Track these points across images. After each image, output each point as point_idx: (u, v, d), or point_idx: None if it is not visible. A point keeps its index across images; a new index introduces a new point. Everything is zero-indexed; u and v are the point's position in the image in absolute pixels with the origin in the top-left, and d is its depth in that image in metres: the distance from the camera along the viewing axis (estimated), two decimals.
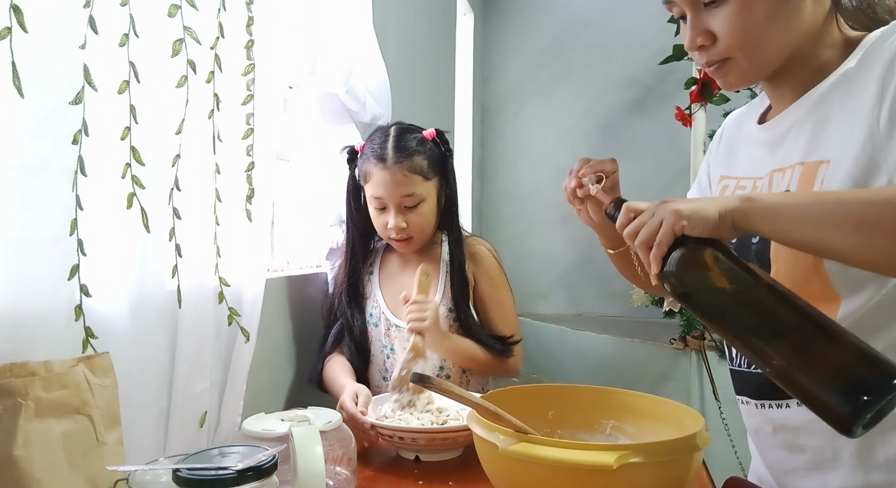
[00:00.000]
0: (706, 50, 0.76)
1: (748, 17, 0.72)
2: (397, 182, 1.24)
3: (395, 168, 1.23)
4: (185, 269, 0.89)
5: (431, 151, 1.29)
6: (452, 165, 1.34)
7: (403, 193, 1.25)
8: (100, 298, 0.76)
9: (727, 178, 0.90)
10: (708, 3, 0.74)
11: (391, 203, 1.26)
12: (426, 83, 2.34)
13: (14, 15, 0.63)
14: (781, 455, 0.83)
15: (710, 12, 0.74)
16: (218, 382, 0.99)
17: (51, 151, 0.69)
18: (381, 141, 1.27)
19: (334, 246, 1.47)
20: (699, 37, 0.76)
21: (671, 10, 0.79)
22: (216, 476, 0.56)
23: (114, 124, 0.77)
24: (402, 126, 1.32)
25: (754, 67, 0.76)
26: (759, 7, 0.71)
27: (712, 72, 0.79)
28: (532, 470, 0.71)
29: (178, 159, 0.86)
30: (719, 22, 0.73)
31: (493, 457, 0.76)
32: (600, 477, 0.68)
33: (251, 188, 1.01)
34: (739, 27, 0.72)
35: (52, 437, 0.62)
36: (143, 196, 0.80)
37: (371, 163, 1.26)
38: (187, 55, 0.85)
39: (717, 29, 0.74)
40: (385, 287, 1.37)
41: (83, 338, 0.73)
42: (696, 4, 0.75)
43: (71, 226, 0.71)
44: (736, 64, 0.76)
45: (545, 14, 3.37)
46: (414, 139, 1.28)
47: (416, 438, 1.01)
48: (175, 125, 0.85)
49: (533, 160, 3.40)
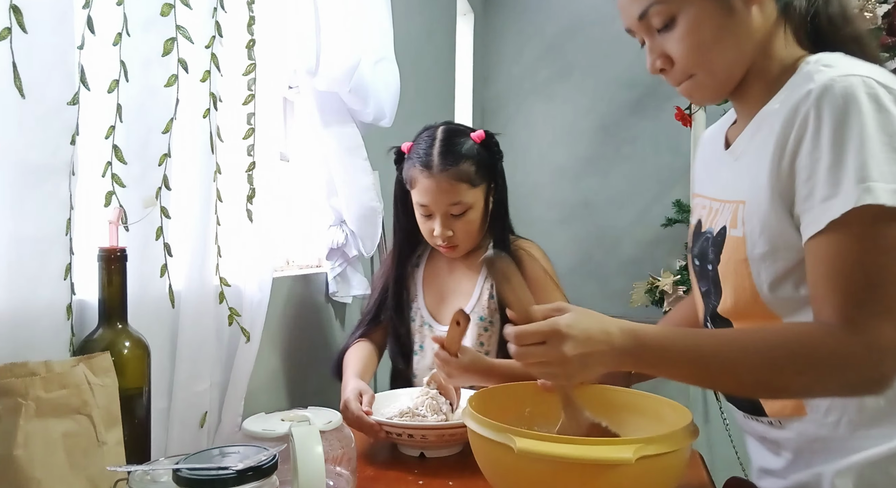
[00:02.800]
0: (668, 72, 0.81)
1: (698, 36, 0.76)
2: (443, 190, 1.19)
3: (441, 176, 1.18)
4: (180, 269, 0.89)
5: (480, 155, 1.23)
6: (502, 167, 1.29)
7: (450, 202, 1.20)
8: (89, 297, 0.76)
9: (699, 196, 0.95)
10: (660, 29, 0.79)
11: (437, 211, 1.21)
12: (426, 83, 2.34)
13: (14, 15, 0.63)
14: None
15: (663, 37, 0.79)
16: (218, 382, 0.99)
17: (51, 151, 0.69)
18: (427, 145, 1.22)
19: (334, 246, 1.47)
20: (658, 60, 0.81)
21: (634, 37, 0.84)
22: (216, 476, 0.56)
23: (102, 123, 0.78)
24: (449, 127, 1.26)
25: (716, 83, 0.81)
26: (706, 26, 0.76)
27: (680, 91, 0.83)
28: (546, 469, 0.70)
29: (166, 158, 0.85)
30: (673, 45, 0.78)
31: (500, 458, 0.74)
32: (618, 472, 0.67)
33: (252, 188, 1.01)
34: (692, 47, 0.77)
35: (52, 437, 0.62)
36: (122, 194, 0.80)
37: (416, 170, 1.21)
38: (178, 54, 0.85)
39: (672, 52, 0.79)
40: (427, 284, 1.34)
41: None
42: (651, 31, 0.80)
43: (66, 226, 0.71)
44: (698, 82, 0.80)
45: (545, 14, 3.37)
46: (461, 143, 1.22)
47: (425, 435, 1.00)
48: (163, 124, 0.84)
49: (533, 160, 3.40)
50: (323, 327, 1.48)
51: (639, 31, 0.82)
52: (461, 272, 1.32)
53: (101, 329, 0.75)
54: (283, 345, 1.31)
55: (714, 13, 0.75)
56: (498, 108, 3.49)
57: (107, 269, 0.75)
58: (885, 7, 2.33)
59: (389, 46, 1.53)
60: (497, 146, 1.27)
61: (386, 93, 1.51)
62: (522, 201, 3.44)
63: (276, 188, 1.06)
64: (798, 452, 0.81)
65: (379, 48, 1.48)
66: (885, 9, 2.34)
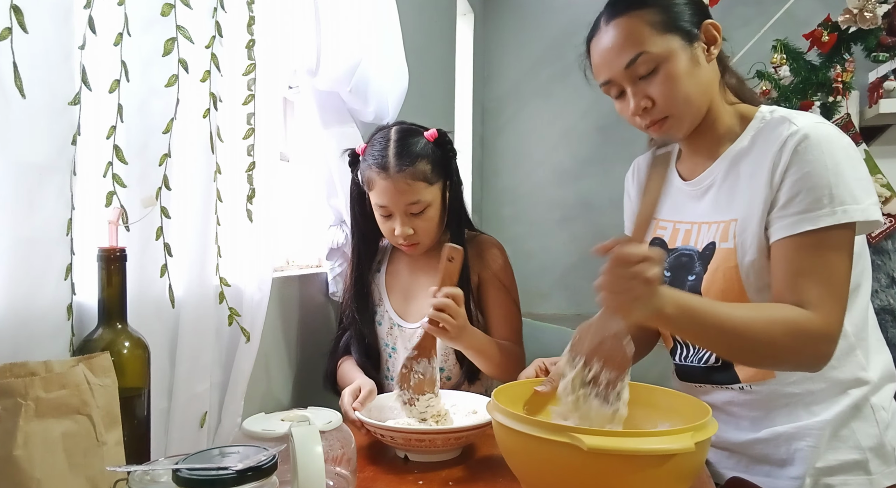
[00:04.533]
0: (649, 111, 0.97)
1: (676, 80, 0.95)
2: (401, 191, 1.21)
3: (398, 176, 1.20)
4: (180, 269, 0.89)
5: (434, 154, 1.25)
6: (456, 165, 1.31)
7: (408, 202, 1.22)
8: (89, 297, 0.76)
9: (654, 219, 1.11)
10: (643, 76, 0.96)
11: (396, 211, 1.23)
12: (426, 83, 2.33)
13: (14, 15, 0.63)
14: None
15: (645, 82, 0.96)
16: (218, 382, 0.99)
17: (51, 151, 0.69)
18: (381, 146, 1.24)
19: (334, 246, 1.47)
20: (642, 101, 0.97)
21: (609, 91, 1.02)
22: (216, 476, 0.56)
23: (103, 124, 0.78)
24: (402, 128, 1.28)
25: (686, 121, 0.99)
26: (681, 72, 0.95)
27: (654, 130, 1.00)
28: (613, 464, 0.72)
29: (166, 158, 0.85)
30: (656, 88, 0.96)
31: (561, 458, 0.74)
32: (677, 459, 0.72)
33: (252, 188, 1.01)
34: (671, 89, 0.95)
35: (52, 437, 0.62)
36: (123, 194, 0.80)
37: (373, 172, 1.22)
38: (179, 54, 0.85)
39: (654, 94, 0.96)
40: (391, 286, 1.36)
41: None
42: (633, 78, 0.97)
43: (67, 226, 0.71)
44: (673, 121, 0.98)
45: (545, 14, 3.37)
46: (415, 143, 1.24)
47: (394, 437, 1.01)
48: (163, 124, 0.84)
49: (533, 160, 3.40)
50: (323, 327, 1.48)
51: (622, 79, 0.97)
52: (425, 268, 1.34)
53: (101, 329, 0.75)
54: (283, 345, 1.31)
55: (687, 63, 0.95)
56: (498, 108, 3.48)
57: (107, 269, 0.75)
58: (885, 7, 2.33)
59: (399, 45, 1.53)
60: (451, 144, 1.30)
61: (392, 92, 1.51)
62: (522, 201, 3.45)
63: (276, 188, 1.06)
64: (766, 410, 1.01)
65: (386, 47, 1.48)
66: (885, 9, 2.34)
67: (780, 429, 1.00)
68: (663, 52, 0.94)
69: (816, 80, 2.48)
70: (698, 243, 1.03)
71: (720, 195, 1.02)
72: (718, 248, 1.00)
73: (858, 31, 2.42)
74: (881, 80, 2.51)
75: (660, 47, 0.94)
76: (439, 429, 1.02)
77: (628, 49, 0.95)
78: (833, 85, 2.46)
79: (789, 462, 0.99)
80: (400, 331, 1.31)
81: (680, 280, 1.05)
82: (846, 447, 0.97)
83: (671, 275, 1.07)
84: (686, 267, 1.04)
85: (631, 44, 0.95)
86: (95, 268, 0.75)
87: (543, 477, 0.79)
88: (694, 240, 1.04)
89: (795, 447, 0.98)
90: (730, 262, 0.97)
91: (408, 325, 1.32)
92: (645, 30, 0.94)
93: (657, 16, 0.95)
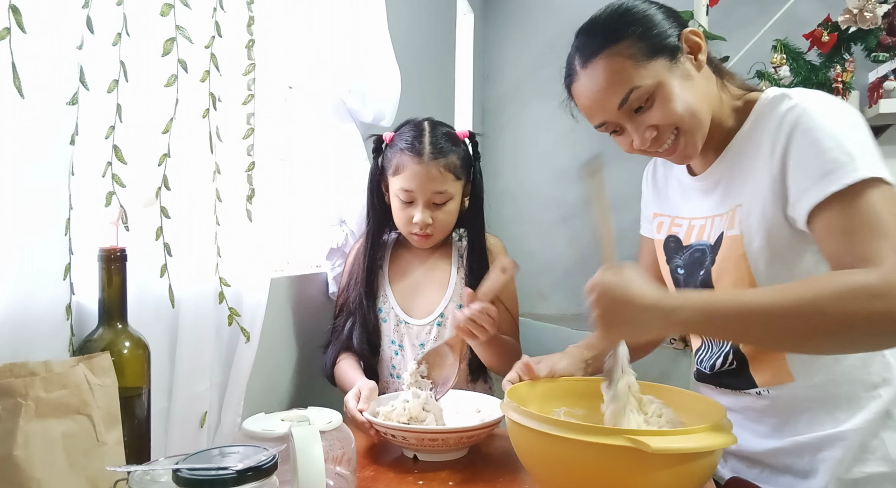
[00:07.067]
0: (657, 140, 0.93)
1: (673, 100, 0.90)
2: (432, 177, 1.23)
3: (432, 164, 1.22)
4: (180, 269, 0.89)
5: (464, 151, 1.29)
6: (479, 168, 1.33)
7: (436, 189, 1.24)
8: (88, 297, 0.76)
9: (661, 216, 1.13)
10: (637, 109, 0.91)
11: (421, 197, 1.25)
12: (426, 83, 2.34)
13: (13, 15, 0.63)
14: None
15: (642, 114, 0.92)
16: (218, 382, 0.99)
17: (51, 151, 0.69)
18: (416, 134, 1.26)
19: (334, 246, 1.47)
20: (646, 133, 0.93)
21: (605, 130, 0.98)
22: (216, 476, 0.56)
23: (101, 124, 0.77)
24: (437, 121, 1.31)
25: (697, 134, 0.93)
26: (676, 91, 0.90)
27: (673, 158, 0.97)
28: (672, 463, 0.73)
29: (165, 158, 0.85)
30: (655, 114, 0.91)
31: (618, 462, 0.73)
32: (707, 459, 0.75)
33: (252, 188, 1.01)
34: (672, 108, 0.90)
35: (52, 437, 0.62)
36: (122, 194, 0.80)
37: (406, 156, 1.24)
38: (178, 54, 0.85)
39: (655, 120, 0.91)
40: (395, 282, 1.36)
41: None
42: (630, 114, 0.92)
43: (66, 226, 0.71)
44: (685, 138, 0.93)
45: (545, 14, 3.37)
46: (450, 136, 1.28)
47: (406, 437, 1.01)
48: (162, 124, 0.84)
49: (533, 160, 3.40)
50: (323, 327, 1.48)
51: (618, 118, 0.93)
52: (432, 264, 1.34)
53: (101, 329, 0.75)
54: (283, 345, 1.31)
55: (679, 80, 0.91)
56: (498, 108, 3.49)
57: (107, 269, 0.75)
58: (885, 7, 2.34)
59: (389, 47, 1.53)
60: (477, 146, 1.33)
61: (387, 93, 1.51)
62: (522, 201, 3.45)
63: (275, 188, 1.06)
64: (786, 416, 0.96)
65: (378, 49, 1.48)
66: (885, 9, 2.34)
67: (802, 439, 0.94)
68: (653, 82, 0.89)
69: (816, 80, 2.48)
70: (711, 237, 1.00)
71: (729, 188, 0.98)
72: (725, 237, 0.95)
73: (858, 31, 2.42)
74: (881, 80, 2.51)
75: (648, 77, 0.89)
76: (451, 429, 1.02)
77: (616, 90, 0.90)
78: (833, 85, 2.47)
79: (812, 473, 0.94)
80: (407, 328, 1.31)
81: (693, 276, 1.02)
82: (875, 458, 0.91)
83: (685, 273, 1.04)
84: (699, 262, 1.01)
85: (617, 83, 0.90)
86: (95, 268, 0.75)
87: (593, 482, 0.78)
88: (707, 235, 1.01)
89: (820, 457, 0.93)
90: (737, 251, 0.93)
91: (415, 322, 1.31)
92: (626, 64, 0.89)
93: (633, 46, 0.89)
